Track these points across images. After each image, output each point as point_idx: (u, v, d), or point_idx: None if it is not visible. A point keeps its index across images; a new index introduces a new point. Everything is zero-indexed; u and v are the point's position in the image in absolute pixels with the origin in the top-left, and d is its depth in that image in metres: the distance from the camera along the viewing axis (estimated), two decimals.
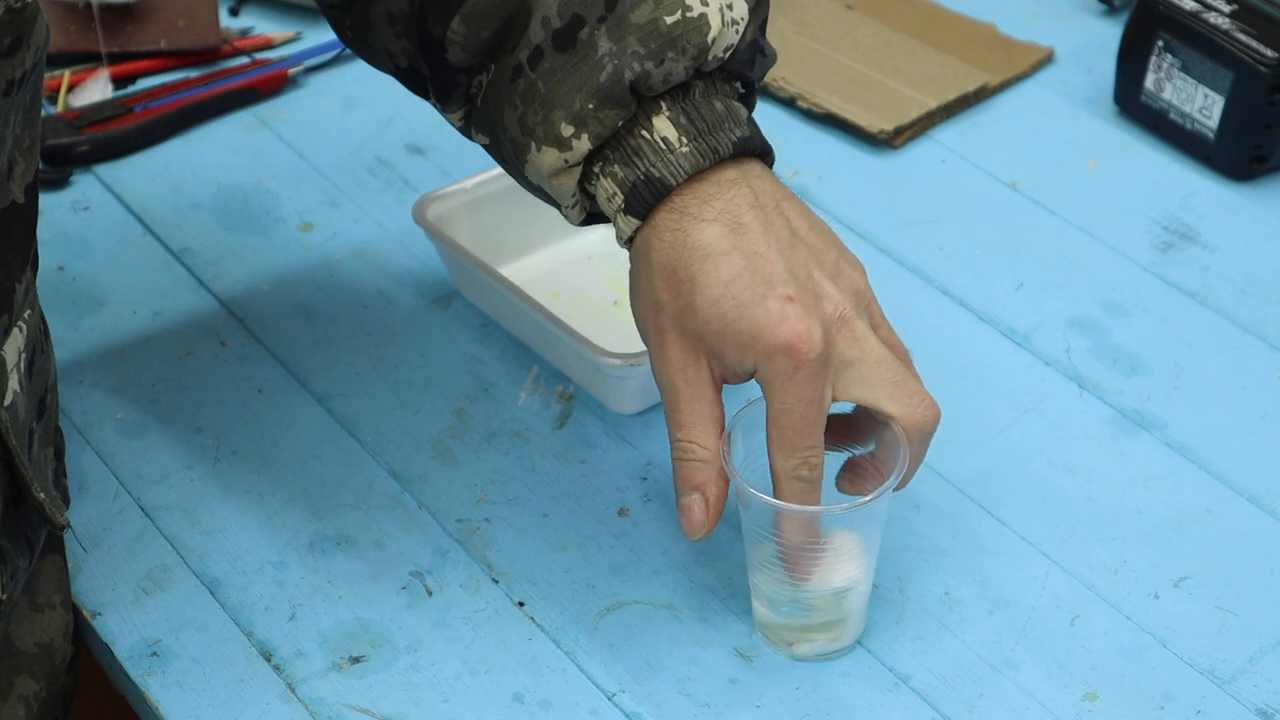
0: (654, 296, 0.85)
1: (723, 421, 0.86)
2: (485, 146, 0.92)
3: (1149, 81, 1.24)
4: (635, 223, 0.85)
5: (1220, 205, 1.20)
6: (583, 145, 0.84)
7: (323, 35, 1.34)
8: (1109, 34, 1.32)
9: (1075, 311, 1.12)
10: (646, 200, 0.84)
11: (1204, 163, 1.23)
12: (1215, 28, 1.19)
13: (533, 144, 0.85)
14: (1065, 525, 0.98)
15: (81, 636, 0.95)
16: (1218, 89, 1.19)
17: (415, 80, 0.92)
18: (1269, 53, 1.17)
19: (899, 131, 1.25)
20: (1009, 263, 1.16)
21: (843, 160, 1.24)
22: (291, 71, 1.30)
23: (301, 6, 1.36)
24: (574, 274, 1.12)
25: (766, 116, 1.28)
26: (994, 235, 1.18)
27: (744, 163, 0.86)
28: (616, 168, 0.84)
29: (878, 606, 0.92)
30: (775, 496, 0.85)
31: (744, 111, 0.87)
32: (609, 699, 0.90)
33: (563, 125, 0.84)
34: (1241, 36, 1.18)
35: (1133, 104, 1.26)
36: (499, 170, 1.12)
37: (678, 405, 0.85)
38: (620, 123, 0.84)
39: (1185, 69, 1.21)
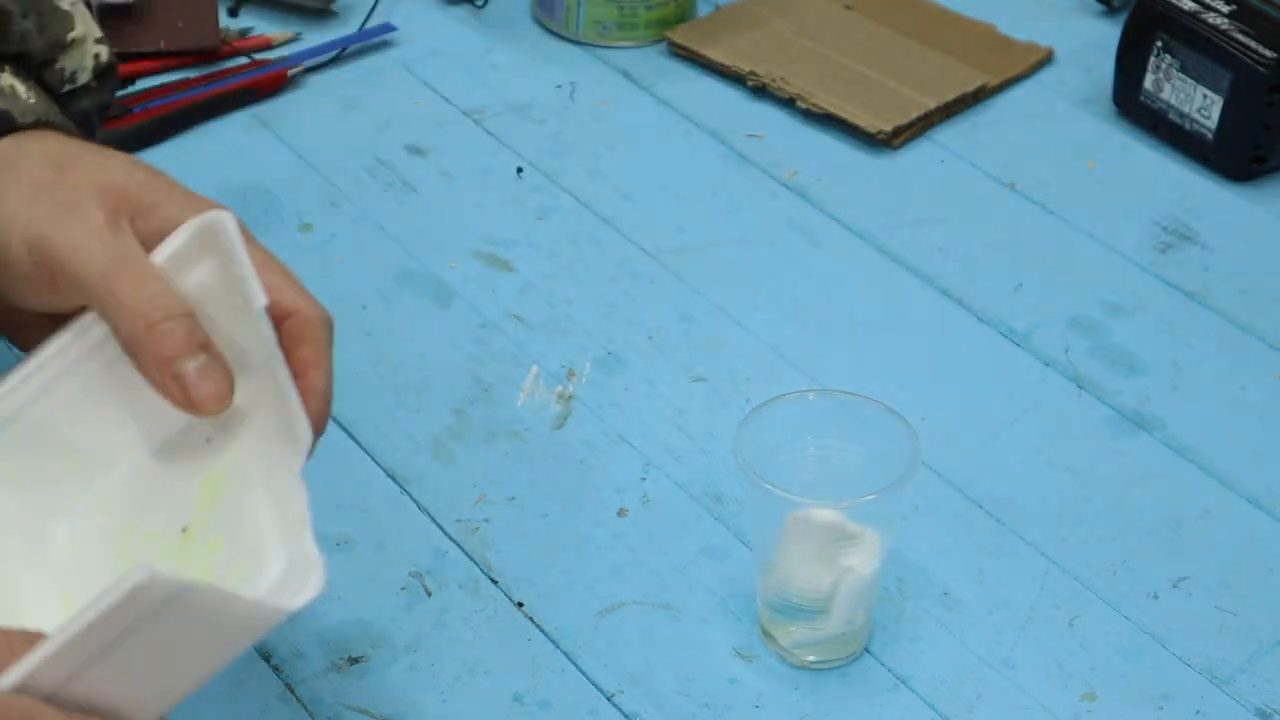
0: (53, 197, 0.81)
1: None
2: None
3: (1148, 82, 1.24)
4: None
5: (1219, 205, 1.20)
6: None
7: (322, 36, 1.34)
8: (1108, 34, 1.32)
9: (1074, 311, 1.12)
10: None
11: (1203, 163, 1.23)
12: (1214, 28, 1.19)
13: None
14: (1065, 525, 0.98)
15: None
16: (1217, 89, 1.19)
17: None
18: (1268, 53, 1.17)
19: (898, 132, 1.25)
20: (1009, 263, 1.16)
21: (842, 160, 1.24)
22: (291, 72, 1.30)
23: (301, 7, 1.36)
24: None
25: (766, 116, 1.28)
26: (993, 235, 1.18)
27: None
28: None
29: (877, 606, 0.92)
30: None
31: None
32: (608, 699, 0.90)
33: None
34: (1240, 37, 1.18)
35: (1132, 104, 1.26)
36: None
37: (120, 266, 0.78)
38: None
39: (1184, 69, 1.21)
